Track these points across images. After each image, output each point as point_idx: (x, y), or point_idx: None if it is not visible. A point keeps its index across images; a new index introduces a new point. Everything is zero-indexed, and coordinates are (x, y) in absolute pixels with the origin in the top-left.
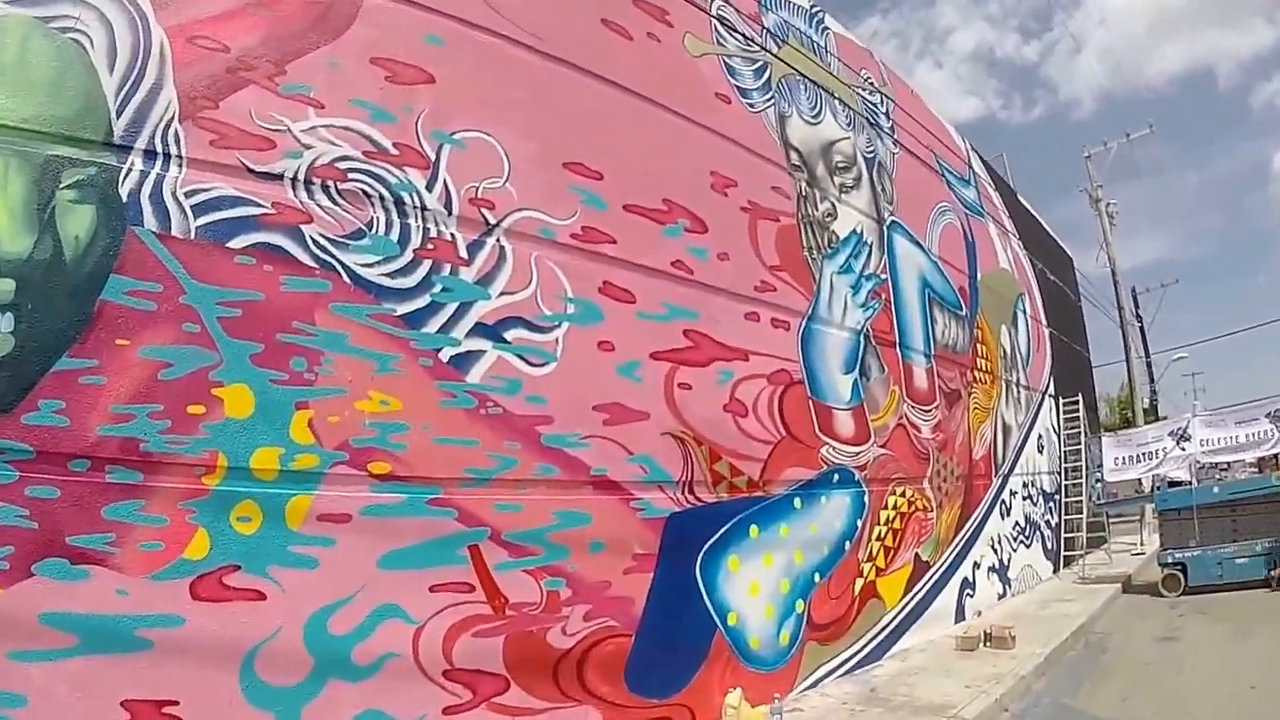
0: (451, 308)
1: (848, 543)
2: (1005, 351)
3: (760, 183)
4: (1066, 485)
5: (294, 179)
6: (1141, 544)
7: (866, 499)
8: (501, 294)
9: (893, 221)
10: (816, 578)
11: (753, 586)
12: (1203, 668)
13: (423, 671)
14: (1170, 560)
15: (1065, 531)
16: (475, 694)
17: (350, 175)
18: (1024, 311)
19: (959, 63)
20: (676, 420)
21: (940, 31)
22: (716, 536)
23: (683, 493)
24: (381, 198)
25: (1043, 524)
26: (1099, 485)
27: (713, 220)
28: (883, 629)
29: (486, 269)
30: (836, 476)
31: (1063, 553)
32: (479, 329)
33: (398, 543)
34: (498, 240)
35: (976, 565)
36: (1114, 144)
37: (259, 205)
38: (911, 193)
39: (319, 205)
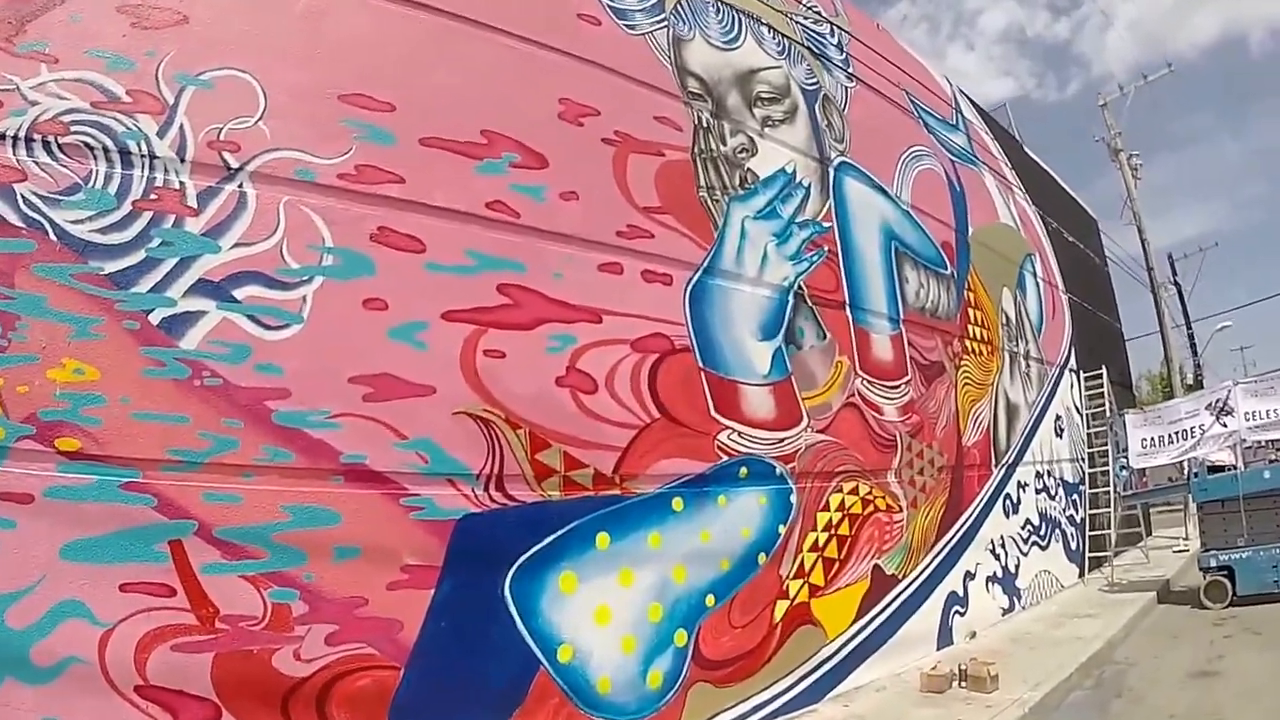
0: (169, 264)
1: (762, 555)
2: (1008, 318)
3: (635, 112)
4: (1092, 474)
5: (14, 137)
6: (1186, 538)
7: (795, 498)
8: (235, 246)
9: (843, 163)
10: (709, 600)
11: (600, 612)
12: None
13: (111, 684)
14: (1213, 564)
15: (1091, 529)
16: (177, 718)
17: (73, 128)
18: (1033, 273)
19: (990, 44)
20: (478, 396)
21: (969, 13)
22: (540, 547)
23: (486, 489)
24: (105, 149)
25: (1064, 521)
26: (1125, 473)
27: (557, 154)
28: (821, 664)
29: (219, 219)
30: (744, 470)
31: (1088, 554)
32: (201, 287)
33: (85, 531)
34: (239, 186)
35: (969, 575)
36: (1130, 89)
37: None
38: (873, 133)
39: (36, 162)
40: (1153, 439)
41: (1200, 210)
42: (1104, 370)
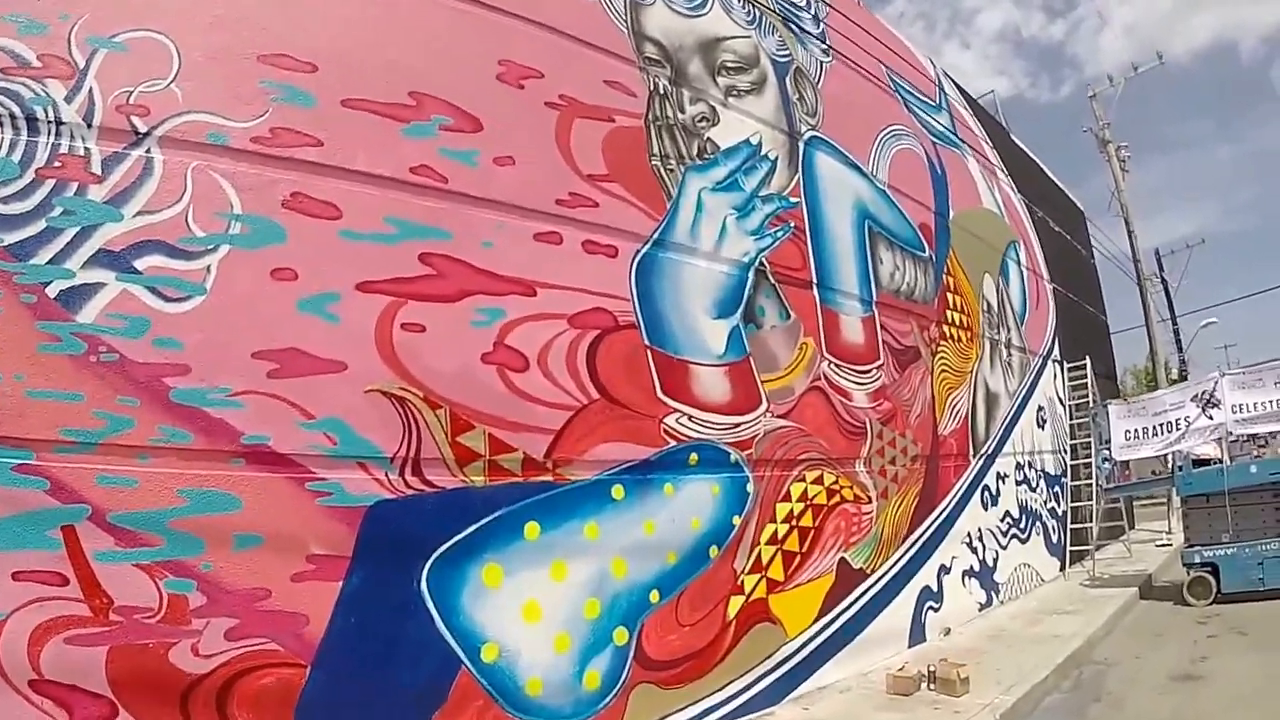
0: (70, 234)
1: (714, 548)
2: (990, 305)
3: (584, 75)
4: (1074, 466)
5: None
6: (1170, 532)
7: (751, 487)
8: (138, 214)
9: (814, 137)
10: (653, 596)
11: (529, 608)
12: None
13: (4, 677)
14: (1197, 560)
15: (1073, 522)
16: (72, 715)
17: None
18: (1017, 261)
19: (986, 43)
20: (394, 373)
21: (966, 12)
22: (460, 537)
23: (400, 473)
24: (12, 116)
25: (1045, 513)
26: (1107, 465)
27: (494, 117)
28: (780, 664)
29: (123, 186)
30: (694, 456)
31: (1069, 547)
32: (101, 257)
33: None
34: (146, 151)
35: (944, 570)
36: (1120, 80)
37: None
38: (849, 109)
39: None
40: (1136, 431)
41: (1192, 212)
42: (1088, 360)
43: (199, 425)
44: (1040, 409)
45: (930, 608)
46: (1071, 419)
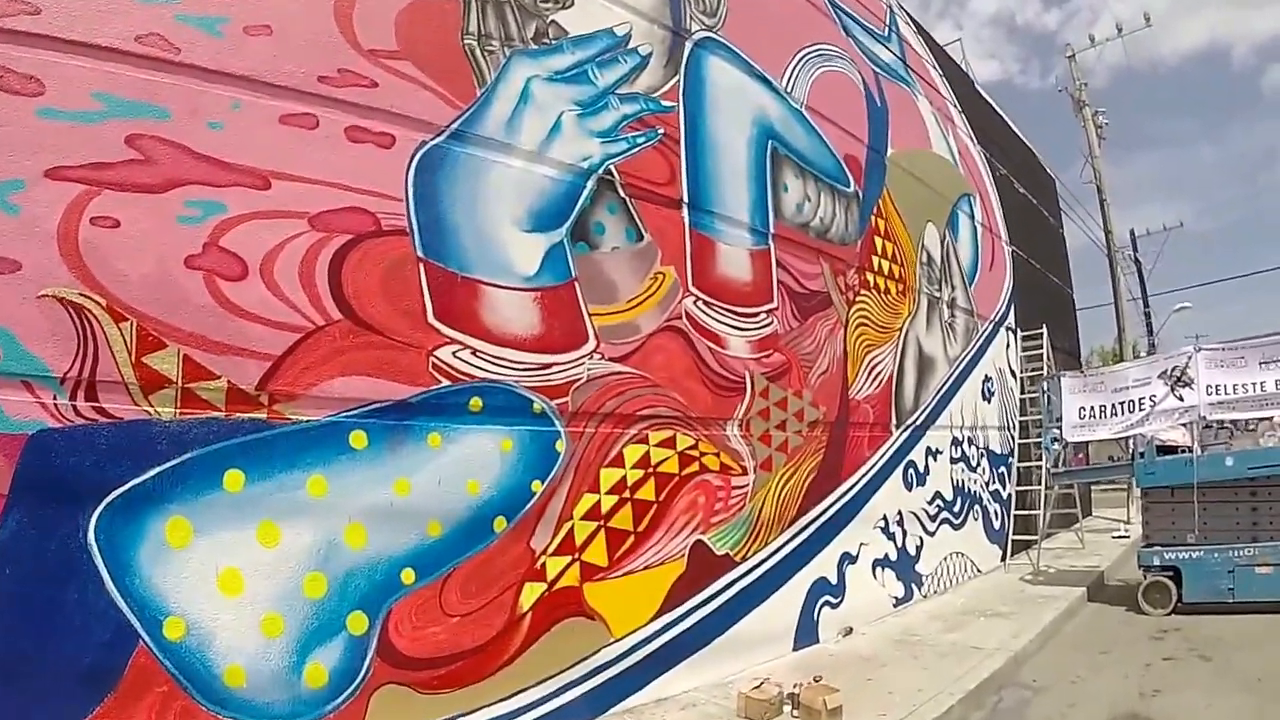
0: None
1: (501, 519)
2: (931, 257)
3: None
4: (1024, 445)
5: None
6: (1129, 522)
7: (564, 445)
8: None
9: (708, 39)
10: (406, 576)
11: (227, 578)
12: None
13: None
14: (1156, 562)
15: (1020, 507)
16: None
17: None
18: (970, 216)
19: (980, 26)
20: (75, 276)
21: None
22: (139, 481)
23: (72, 398)
24: None
25: (986, 496)
26: (1056, 446)
27: None
28: (601, 668)
29: None
30: (477, 401)
31: (1012, 536)
32: None
33: None
34: None
35: (848, 558)
36: (1103, 42)
37: None
38: (763, 17)
39: None
40: (1093, 409)
41: (1176, 209)
42: (1044, 329)
43: None
44: (987, 379)
45: (827, 603)
46: (1024, 393)
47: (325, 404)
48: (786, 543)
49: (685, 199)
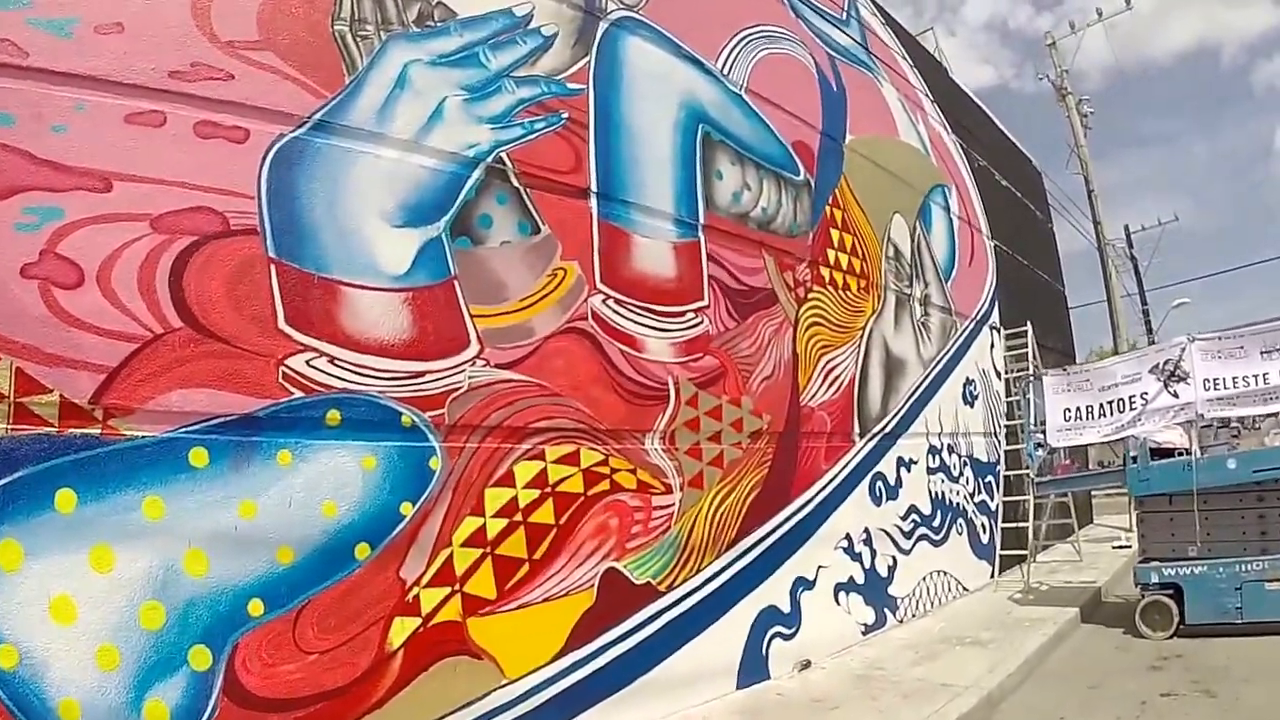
0: None
1: (364, 546)
2: (899, 251)
3: None
4: (1010, 453)
5: None
6: (1130, 530)
7: (440, 463)
8: None
9: (626, 19)
10: (254, 608)
11: (60, 605)
12: None
13: None
14: (1154, 580)
15: (1009, 519)
16: None
17: None
18: (945, 208)
19: (972, 32)
20: None
21: (953, 1)
22: None
23: None
24: None
25: (971, 509)
26: (1040, 453)
27: None
28: (493, 713)
29: None
30: (335, 414)
31: (1001, 550)
32: None
33: None
34: None
35: (805, 584)
36: (1083, 29)
37: None
38: None
39: None
40: (1079, 409)
41: (1170, 207)
42: (1028, 325)
43: None
44: (969, 382)
45: (779, 634)
46: (1010, 396)
47: (163, 418)
48: (725, 568)
49: (594, 188)
